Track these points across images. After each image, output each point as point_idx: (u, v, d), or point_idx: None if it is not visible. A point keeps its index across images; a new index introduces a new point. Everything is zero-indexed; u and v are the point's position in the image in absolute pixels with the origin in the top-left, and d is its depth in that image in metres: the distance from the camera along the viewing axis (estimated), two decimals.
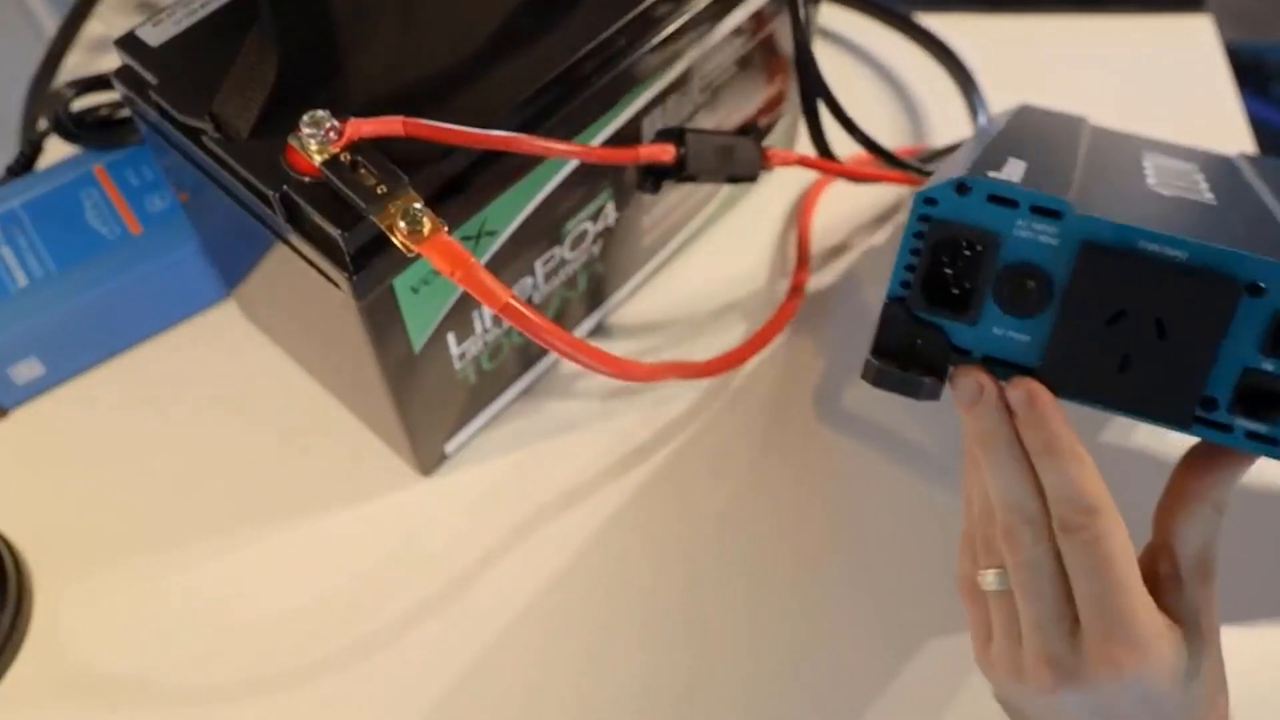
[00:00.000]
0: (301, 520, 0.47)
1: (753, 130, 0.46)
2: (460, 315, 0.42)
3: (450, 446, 0.48)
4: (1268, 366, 0.30)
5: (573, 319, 0.51)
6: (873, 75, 0.63)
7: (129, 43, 0.40)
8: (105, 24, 0.62)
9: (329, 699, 0.43)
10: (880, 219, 0.57)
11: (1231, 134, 0.61)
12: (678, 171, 0.44)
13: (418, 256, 0.35)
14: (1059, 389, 0.31)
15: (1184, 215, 0.33)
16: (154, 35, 0.40)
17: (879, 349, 0.33)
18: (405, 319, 0.39)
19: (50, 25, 0.52)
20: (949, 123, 0.60)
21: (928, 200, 0.31)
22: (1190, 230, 0.30)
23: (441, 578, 0.46)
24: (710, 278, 0.55)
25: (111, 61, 0.40)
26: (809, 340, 0.52)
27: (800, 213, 0.56)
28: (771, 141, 0.57)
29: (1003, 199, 0.31)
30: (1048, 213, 0.30)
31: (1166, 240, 0.30)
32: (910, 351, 0.32)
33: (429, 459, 0.48)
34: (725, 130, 0.46)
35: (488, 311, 0.43)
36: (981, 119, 0.56)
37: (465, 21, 0.41)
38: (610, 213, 0.47)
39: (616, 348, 0.44)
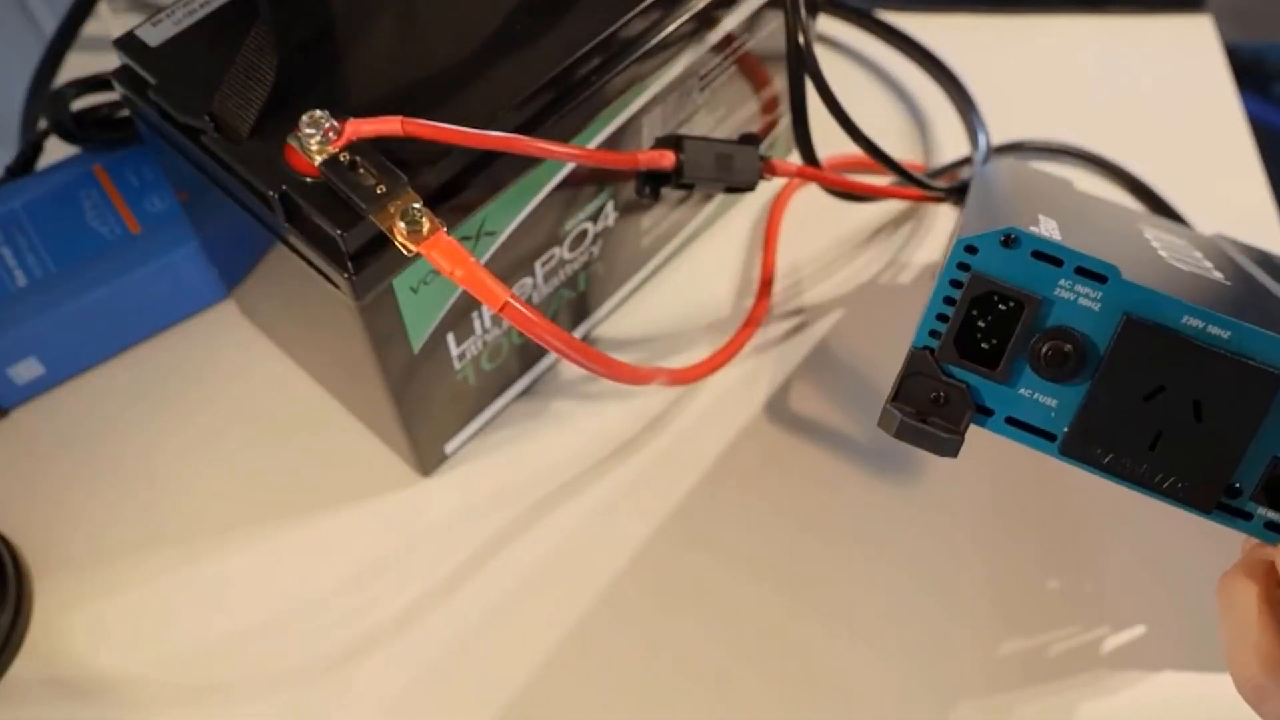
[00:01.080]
0: (301, 520, 0.47)
1: (753, 139, 0.46)
2: (460, 315, 0.42)
3: (450, 447, 0.48)
4: None
5: (572, 320, 0.51)
6: (872, 89, 0.63)
7: (129, 43, 0.40)
8: (105, 24, 0.62)
9: (329, 698, 0.43)
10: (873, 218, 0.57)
11: (1231, 134, 0.61)
12: (675, 178, 0.44)
13: (417, 256, 0.35)
14: (1083, 457, 0.30)
15: (1211, 294, 0.32)
16: (154, 35, 0.40)
17: (900, 398, 0.31)
18: (405, 319, 0.39)
19: (50, 25, 0.52)
20: (950, 138, 0.60)
21: (969, 249, 0.30)
22: (1229, 310, 0.29)
23: (441, 578, 0.46)
24: (697, 288, 0.55)
25: (111, 61, 0.40)
26: (793, 345, 0.53)
27: (769, 224, 0.56)
28: (772, 150, 0.57)
29: (1048, 257, 0.29)
30: (1094, 276, 0.29)
31: (1212, 318, 0.29)
32: (931, 404, 0.31)
33: (429, 459, 0.48)
34: (725, 138, 0.46)
35: (487, 312, 0.43)
36: (981, 140, 0.55)
37: (464, 21, 0.41)
38: (610, 213, 0.47)
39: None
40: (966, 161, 0.58)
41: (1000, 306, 0.30)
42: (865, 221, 0.57)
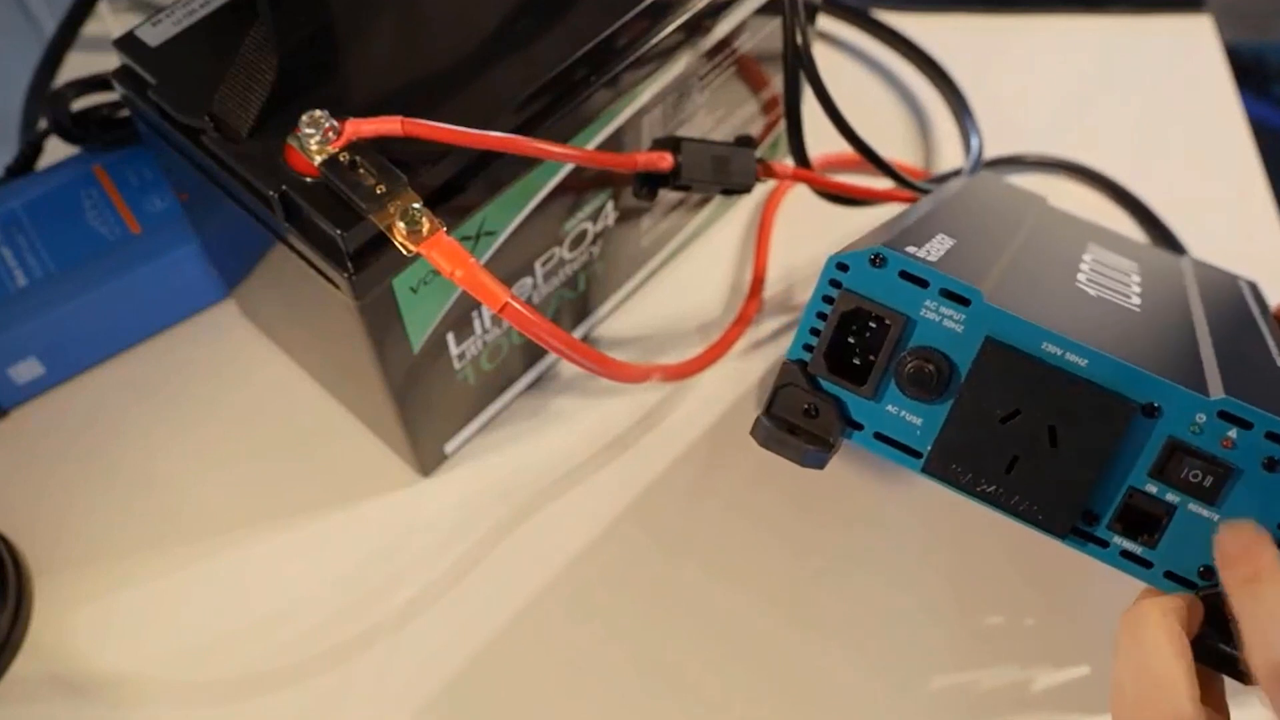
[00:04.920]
0: (301, 520, 0.47)
1: (749, 141, 0.46)
2: (460, 315, 0.42)
3: (450, 447, 0.48)
4: (1152, 489, 0.29)
5: (572, 320, 0.51)
6: (875, 89, 0.63)
7: (128, 43, 0.40)
8: (105, 24, 0.62)
9: (329, 697, 0.43)
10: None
11: (1231, 134, 0.61)
12: (673, 180, 0.44)
13: (417, 256, 0.35)
14: (944, 478, 0.31)
15: (1099, 320, 0.33)
16: (153, 35, 0.40)
17: (771, 409, 0.32)
18: (404, 319, 0.39)
19: (50, 25, 0.52)
20: (950, 141, 0.60)
21: (840, 266, 0.31)
22: (1099, 338, 0.30)
23: (440, 578, 0.46)
24: (695, 289, 0.55)
25: (111, 61, 0.40)
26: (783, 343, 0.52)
27: (760, 226, 0.56)
28: (772, 152, 0.57)
29: (914, 278, 0.30)
30: (957, 298, 0.30)
31: (1070, 346, 0.29)
32: (803, 414, 0.32)
33: (429, 459, 0.48)
34: (722, 140, 0.46)
35: (487, 312, 0.43)
36: (974, 144, 0.55)
37: (464, 22, 0.41)
38: (610, 213, 0.47)
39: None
40: (1009, 160, 0.58)
41: (870, 324, 0.31)
42: (858, 226, 0.57)
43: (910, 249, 0.31)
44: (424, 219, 0.35)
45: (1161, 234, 0.56)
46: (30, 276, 0.48)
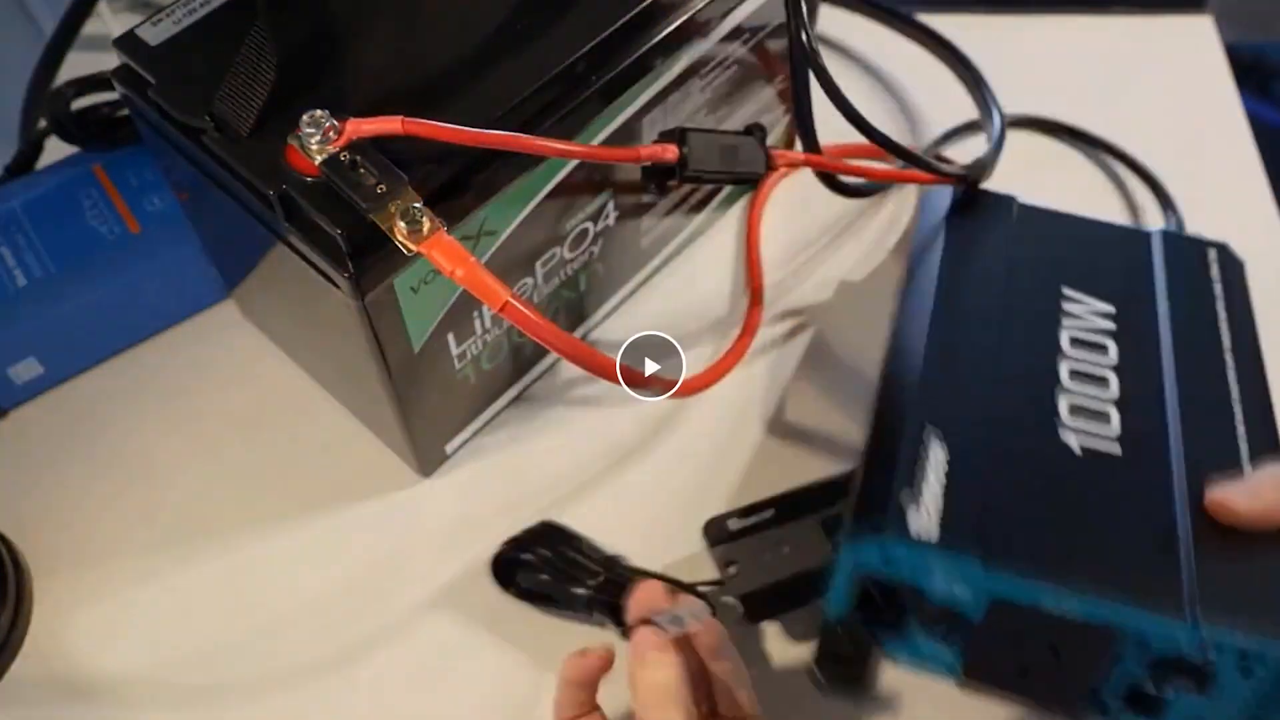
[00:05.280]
0: (301, 521, 0.47)
1: (756, 130, 0.46)
2: (460, 315, 0.42)
3: (450, 447, 0.48)
4: (1150, 689, 0.34)
5: (572, 320, 0.51)
6: (870, 79, 0.63)
7: (128, 42, 0.40)
8: (105, 24, 0.62)
9: (329, 697, 0.43)
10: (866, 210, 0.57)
11: (1232, 134, 0.61)
12: (680, 171, 0.44)
13: (417, 256, 0.35)
14: (977, 687, 0.36)
15: (1087, 507, 0.36)
16: (153, 35, 0.40)
17: (822, 658, 0.37)
18: (405, 319, 0.39)
19: (50, 25, 0.52)
20: (946, 126, 0.60)
21: (854, 552, 0.35)
22: (1085, 578, 0.33)
23: (441, 578, 0.46)
24: (695, 289, 0.55)
25: (111, 61, 0.40)
26: (789, 347, 0.53)
27: (749, 228, 0.56)
28: (773, 142, 0.57)
29: (921, 563, 0.34)
30: (960, 573, 0.34)
31: (1062, 600, 0.33)
32: (850, 655, 0.37)
33: (429, 459, 0.48)
34: (728, 130, 0.46)
35: (488, 311, 0.43)
36: (995, 118, 0.55)
37: (465, 20, 0.41)
38: (611, 213, 0.47)
39: None
40: (970, 126, 0.58)
41: (893, 588, 0.35)
42: (845, 212, 0.57)
43: (910, 513, 0.35)
44: (424, 218, 0.35)
45: (1148, 181, 0.58)
46: (30, 276, 0.48)
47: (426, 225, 0.35)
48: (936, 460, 0.37)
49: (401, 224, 0.35)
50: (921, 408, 0.39)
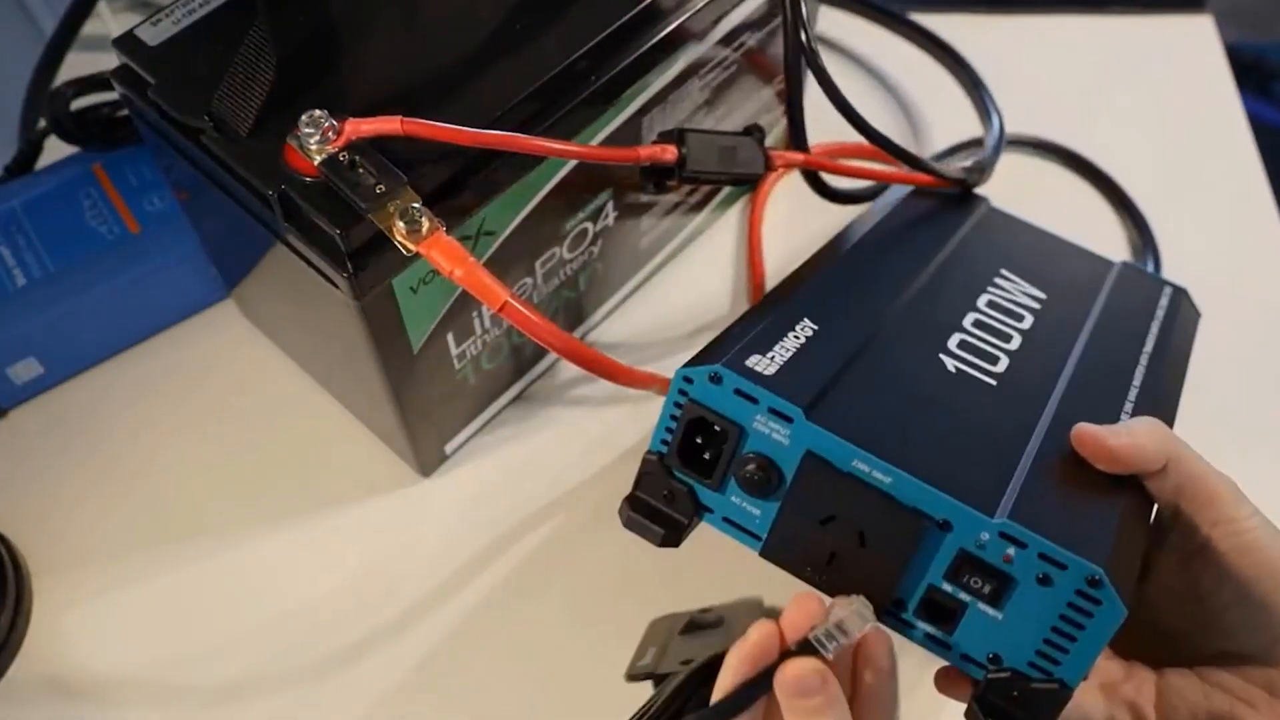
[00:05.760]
0: (301, 520, 0.47)
1: (755, 130, 0.46)
2: (459, 315, 0.42)
3: (450, 447, 0.48)
4: (947, 588, 0.33)
5: (572, 320, 0.51)
6: (870, 81, 0.63)
7: (128, 42, 0.40)
8: (105, 24, 0.62)
9: (328, 697, 0.43)
10: None
11: (1232, 134, 0.61)
12: (679, 171, 0.44)
13: (416, 256, 0.35)
14: (778, 563, 0.35)
15: (928, 420, 0.35)
16: (153, 35, 0.40)
17: (636, 495, 0.36)
18: (404, 319, 0.39)
19: (50, 25, 0.52)
20: (944, 130, 0.60)
21: (686, 379, 0.34)
22: (910, 453, 0.33)
23: (441, 578, 0.46)
24: (695, 290, 0.55)
25: (111, 61, 0.40)
26: None
27: (750, 229, 0.56)
28: (772, 142, 0.57)
29: (747, 395, 0.34)
30: (782, 415, 0.33)
31: (877, 464, 0.32)
32: (664, 499, 0.36)
33: (429, 459, 0.48)
34: (727, 130, 0.46)
35: (487, 311, 0.43)
36: (995, 121, 0.55)
37: (464, 21, 0.41)
38: (610, 213, 0.47)
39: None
40: (973, 144, 0.58)
41: (715, 428, 0.35)
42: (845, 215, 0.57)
43: (753, 358, 0.34)
44: (423, 218, 0.35)
45: (1132, 217, 0.56)
46: (29, 276, 0.48)
47: (425, 225, 0.35)
48: (800, 334, 0.36)
49: (400, 224, 0.35)
50: (805, 302, 0.38)
